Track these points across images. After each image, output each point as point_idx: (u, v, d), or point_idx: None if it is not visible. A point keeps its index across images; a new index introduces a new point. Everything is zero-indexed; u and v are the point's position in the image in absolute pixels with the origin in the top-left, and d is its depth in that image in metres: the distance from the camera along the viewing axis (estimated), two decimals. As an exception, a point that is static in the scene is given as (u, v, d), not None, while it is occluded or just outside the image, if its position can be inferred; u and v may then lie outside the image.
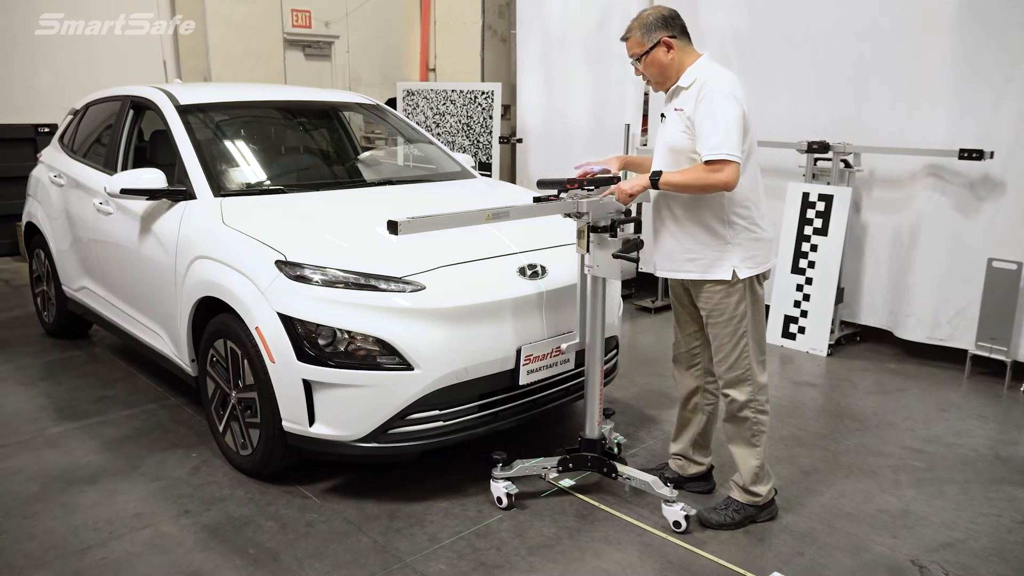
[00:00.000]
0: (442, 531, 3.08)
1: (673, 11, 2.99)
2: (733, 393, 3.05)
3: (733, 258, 2.95)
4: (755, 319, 3.03)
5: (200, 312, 3.57)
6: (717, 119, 2.78)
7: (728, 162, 2.75)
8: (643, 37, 2.95)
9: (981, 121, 4.77)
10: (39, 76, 7.91)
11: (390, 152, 5.98)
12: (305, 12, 9.27)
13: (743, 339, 3.01)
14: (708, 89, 2.82)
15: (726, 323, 3.00)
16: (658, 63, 2.96)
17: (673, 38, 2.93)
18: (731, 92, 2.82)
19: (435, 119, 8.25)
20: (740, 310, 2.99)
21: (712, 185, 2.80)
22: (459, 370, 3.13)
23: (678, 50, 2.94)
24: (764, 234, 3.01)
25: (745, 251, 2.96)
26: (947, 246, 5.00)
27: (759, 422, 3.07)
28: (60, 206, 4.90)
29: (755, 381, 3.04)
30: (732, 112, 2.79)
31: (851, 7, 5.27)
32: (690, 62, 2.94)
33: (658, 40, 2.93)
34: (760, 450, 3.08)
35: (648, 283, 6.80)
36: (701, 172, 2.81)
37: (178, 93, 4.33)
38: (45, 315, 5.45)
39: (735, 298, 2.98)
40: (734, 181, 2.78)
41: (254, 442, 3.36)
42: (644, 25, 2.95)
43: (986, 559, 2.97)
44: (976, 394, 4.66)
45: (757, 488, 3.11)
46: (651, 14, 2.97)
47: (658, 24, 2.93)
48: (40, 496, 3.32)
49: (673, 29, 2.94)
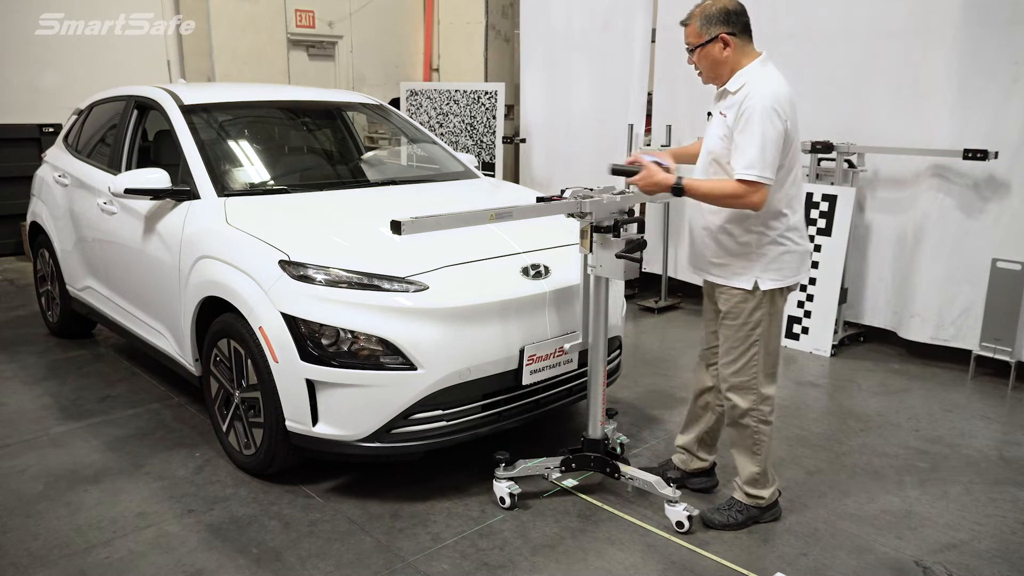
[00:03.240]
0: (445, 531, 3.09)
1: (739, 6, 2.85)
2: (735, 399, 3.03)
3: (757, 268, 2.90)
4: (771, 330, 2.98)
5: (204, 312, 3.58)
6: (755, 136, 2.69)
7: (759, 185, 2.69)
8: (702, 28, 2.84)
9: (986, 121, 4.76)
10: (43, 76, 7.93)
11: (393, 152, 5.99)
12: (309, 12, 9.28)
13: (753, 347, 2.97)
14: (751, 101, 2.72)
15: (739, 328, 2.97)
16: (712, 58, 2.86)
17: (732, 35, 2.81)
18: (773, 107, 2.71)
19: (438, 119, 8.25)
20: (755, 318, 2.94)
21: (737, 205, 2.76)
22: (462, 370, 3.13)
23: (735, 49, 2.82)
24: (796, 247, 2.92)
25: (771, 263, 2.89)
26: (951, 246, 4.99)
27: (760, 431, 3.04)
28: (64, 206, 4.91)
29: (759, 391, 3.01)
30: (771, 131, 2.69)
31: (856, 7, 5.26)
32: (745, 63, 2.83)
33: (716, 35, 2.81)
34: (761, 458, 3.07)
35: (651, 283, 6.80)
36: (728, 189, 2.74)
37: (182, 93, 4.33)
38: (49, 315, 5.47)
39: (751, 304, 2.93)
40: (760, 205, 2.71)
41: (257, 442, 3.37)
42: (705, 15, 2.83)
43: (990, 560, 2.96)
44: (980, 395, 4.65)
45: (758, 492, 3.10)
46: (715, 4, 2.83)
47: (719, 18, 2.81)
48: (44, 495, 3.33)
49: (734, 26, 2.82)
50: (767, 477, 3.11)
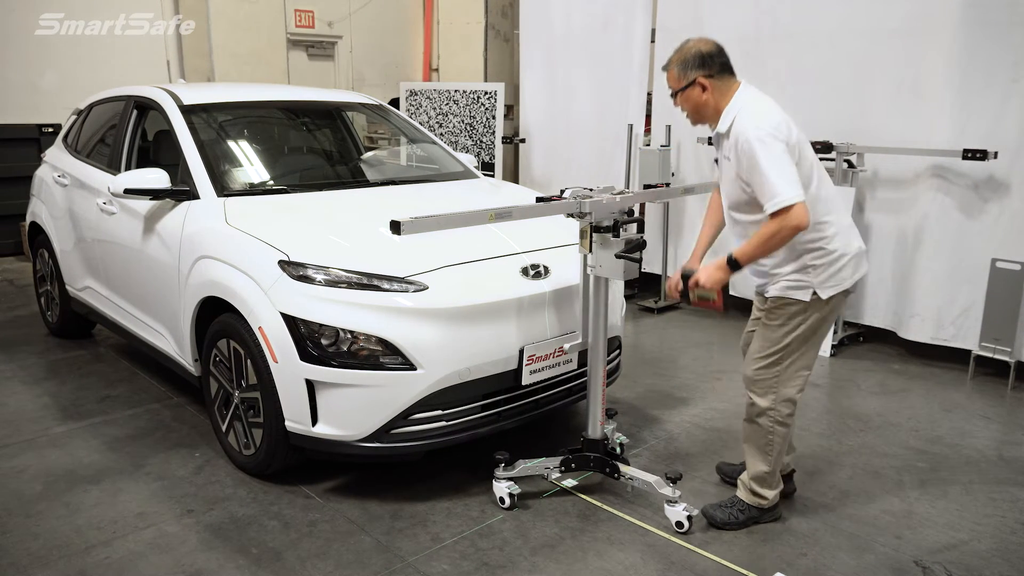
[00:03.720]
0: (445, 531, 3.08)
1: (715, 47, 2.88)
2: (755, 396, 3.02)
3: (815, 281, 2.88)
4: (812, 339, 2.94)
5: (203, 312, 3.58)
6: (762, 170, 2.69)
7: (789, 207, 2.66)
8: (679, 74, 2.89)
9: (985, 121, 4.76)
10: (43, 76, 7.93)
11: (393, 152, 5.98)
12: (308, 12, 9.28)
13: (786, 350, 2.95)
14: (743, 137, 2.73)
15: (779, 329, 2.96)
16: (692, 101, 2.90)
17: (710, 77, 2.84)
18: (766, 132, 2.70)
19: (438, 119, 8.25)
20: (806, 325, 2.92)
21: (787, 236, 2.71)
22: (462, 370, 3.13)
23: (713, 91, 2.85)
24: (849, 249, 2.89)
25: (828, 272, 2.87)
26: (951, 246, 4.99)
27: (775, 432, 3.03)
28: (64, 206, 4.91)
29: (780, 392, 2.99)
30: (772, 155, 2.68)
31: (855, 7, 5.26)
32: (729, 98, 2.85)
33: (693, 79, 2.86)
34: (772, 458, 3.06)
35: (651, 283, 6.80)
36: (769, 231, 2.71)
37: (182, 93, 4.33)
38: (49, 315, 5.46)
39: (807, 313, 2.90)
40: (804, 221, 2.67)
41: (257, 442, 3.37)
42: (682, 61, 2.87)
43: (990, 560, 2.96)
44: (980, 395, 4.65)
45: (763, 491, 3.10)
46: (691, 49, 2.88)
47: (695, 62, 2.85)
48: (44, 495, 3.33)
49: (711, 68, 2.84)
50: (775, 477, 3.10)
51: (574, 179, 6.94)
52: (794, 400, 3.02)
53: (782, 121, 2.78)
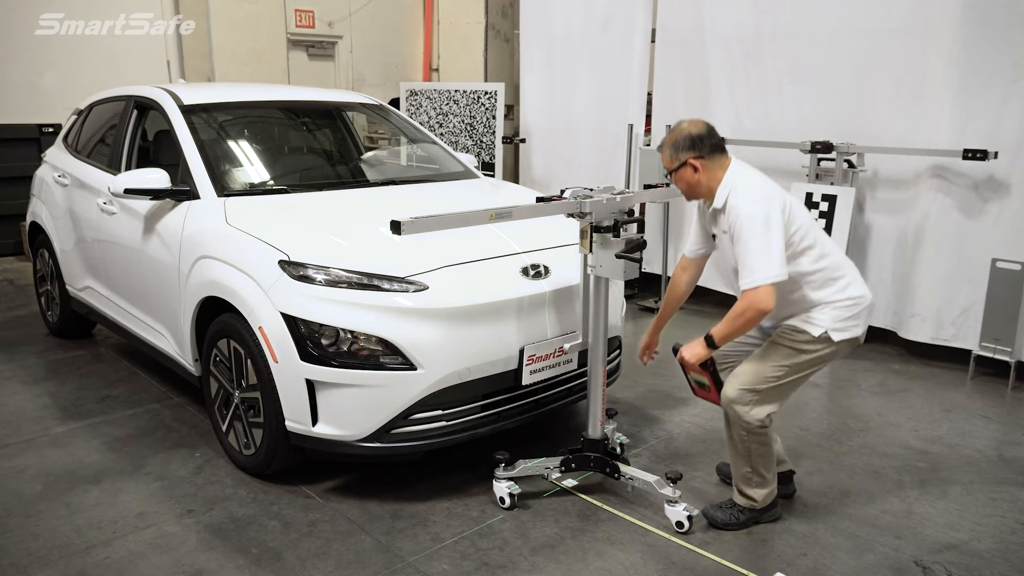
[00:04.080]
0: (445, 531, 3.08)
1: (706, 129, 2.98)
2: (732, 401, 2.98)
3: (827, 321, 2.93)
4: (802, 375, 2.98)
5: (204, 312, 3.58)
6: (746, 246, 2.78)
7: (758, 288, 2.75)
8: (671, 155, 2.99)
9: (986, 121, 4.76)
10: (44, 76, 7.93)
11: (393, 152, 5.98)
12: (308, 12, 9.28)
13: (777, 372, 2.95)
14: (736, 212, 2.83)
15: (776, 352, 2.98)
16: (685, 181, 3.00)
17: (700, 158, 2.94)
18: (757, 211, 2.79)
19: (438, 119, 8.25)
20: (797, 349, 2.95)
21: (752, 318, 2.81)
22: (462, 370, 3.13)
23: (705, 170, 2.94)
24: (856, 297, 2.96)
25: (841, 314, 2.93)
26: (951, 247, 4.99)
27: (746, 440, 3.01)
28: (64, 206, 4.91)
29: (754, 412, 2.95)
30: (760, 233, 2.76)
31: (856, 7, 5.26)
32: (721, 176, 2.93)
33: (685, 161, 2.95)
34: (752, 459, 3.04)
35: (651, 283, 6.80)
36: (739, 308, 2.81)
37: (182, 93, 4.33)
38: (49, 315, 5.46)
39: (812, 346, 2.94)
40: (768, 304, 2.76)
41: (257, 442, 3.37)
42: (674, 143, 2.98)
43: (990, 560, 2.96)
44: (980, 395, 4.65)
45: (749, 491, 3.09)
46: (682, 132, 2.97)
47: (686, 144, 2.95)
48: (44, 495, 3.33)
49: (701, 149, 2.94)
50: (761, 478, 3.09)
51: (574, 179, 6.94)
52: (766, 421, 2.99)
53: (774, 190, 2.88)
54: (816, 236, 2.94)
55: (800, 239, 2.88)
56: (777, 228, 2.78)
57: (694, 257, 3.27)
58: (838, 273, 2.95)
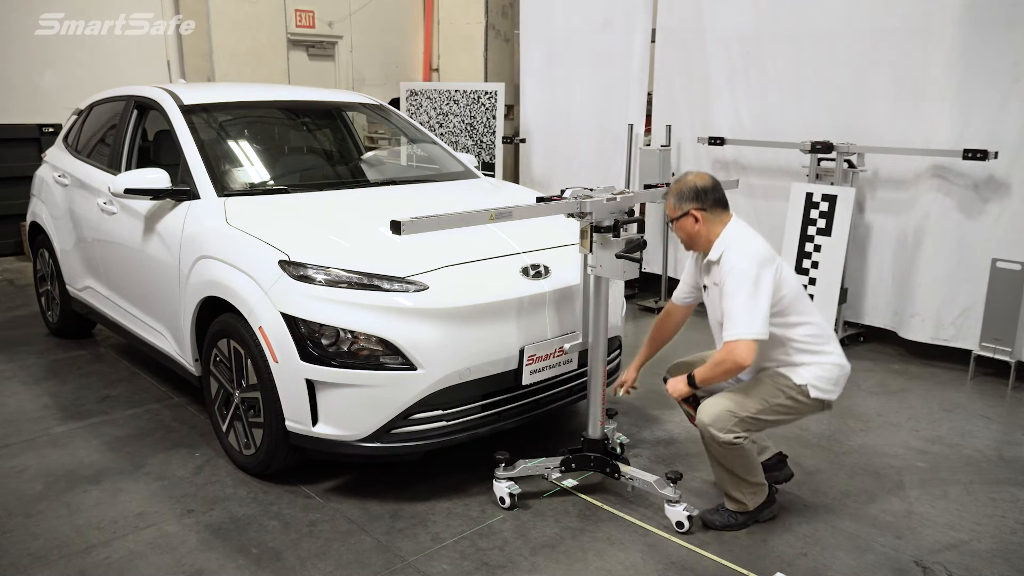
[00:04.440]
0: (445, 531, 3.08)
1: (710, 183, 3.05)
2: (707, 425, 2.97)
3: (809, 376, 3.00)
4: (774, 417, 3.02)
5: (204, 312, 3.58)
6: (734, 300, 2.87)
7: (738, 342, 2.84)
8: (675, 204, 3.07)
9: (986, 121, 4.76)
10: (44, 76, 7.93)
11: (393, 152, 5.98)
12: (308, 12, 9.28)
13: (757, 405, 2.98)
14: (728, 266, 2.92)
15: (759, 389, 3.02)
16: (685, 230, 3.07)
17: (703, 210, 3.01)
18: (750, 269, 2.87)
19: (438, 119, 8.25)
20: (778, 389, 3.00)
21: (730, 369, 2.88)
22: (462, 370, 3.13)
23: (706, 222, 3.02)
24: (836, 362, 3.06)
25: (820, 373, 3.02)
26: (951, 247, 4.99)
27: (725, 456, 3.01)
28: (64, 206, 4.91)
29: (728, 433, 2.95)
30: (749, 291, 2.85)
31: (856, 7, 5.26)
32: (719, 230, 3.01)
33: (687, 211, 3.03)
34: (733, 471, 3.05)
35: (651, 283, 6.80)
36: (720, 356, 2.90)
37: (182, 93, 4.33)
38: (49, 315, 5.46)
39: (793, 393, 3.00)
40: (747, 358, 2.84)
41: (257, 442, 3.37)
42: (679, 193, 3.05)
43: (990, 560, 2.96)
44: (980, 395, 4.65)
45: (739, 496, 3.09)
46: (688, 183, 3.05)
47: (690, 195, 3.02)
48: (44, 495, 3.33)
49: (704, 202, 3.02)
50: (747, 484, 3.08)
51: (574, 179, 6.94)
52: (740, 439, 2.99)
53: (769, 253, 2.96)
54: (804, 304, 3.06)
55: (789, 303, 2.98)
56: (766, 289, 2.87)
57: (681, 304, 3.37)
58: (821, 340, 3.05)
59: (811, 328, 3.04)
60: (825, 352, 3.04)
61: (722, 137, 5.94)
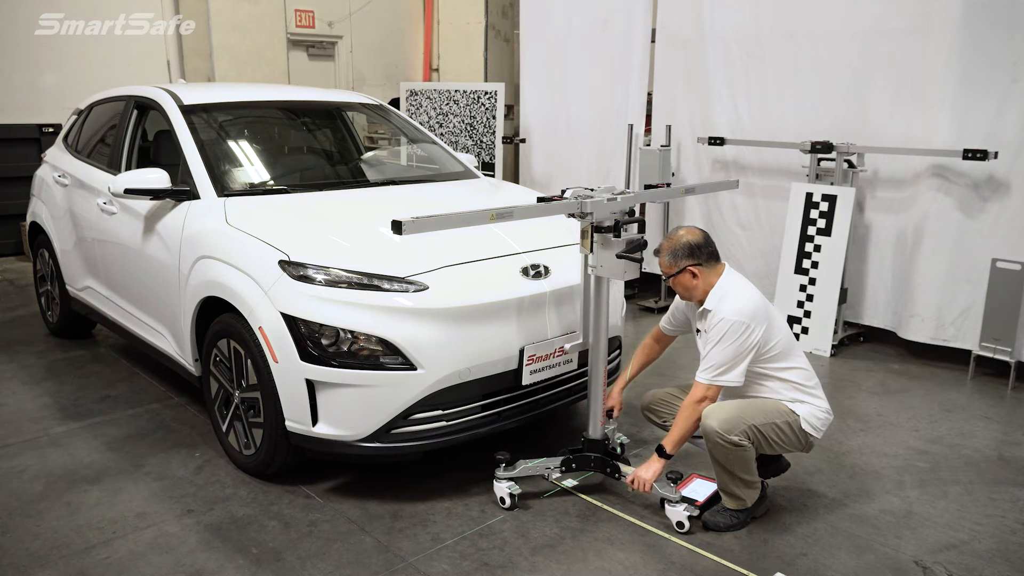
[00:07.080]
0: (445, 531, 3.08)
1: (702, 238, 3.13)
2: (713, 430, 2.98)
3: (802, 410, 3.09)
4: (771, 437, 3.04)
5: (204, 312, 3.58)
6: (717, 348, 2.98)
7: (710, 386, 3.00)
8: (670, 262, 3.14)
9: (985, 121, 4.76)
10: (44, 76, 7.93)
11: (393, 152, 5.98)
12: (308, 12, 9.28)
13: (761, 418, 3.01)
14: (720, 316, 3.00)
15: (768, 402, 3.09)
16: (683, 285, 3.16)
17: (699, 265, 3.09)
18: (737, 323, 2.95)
19: (438, 119, 8.25)
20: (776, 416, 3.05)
21: (694, 413, 3.02)
22: (462, 370, 3.13)
23: (702, 276, 3.10)
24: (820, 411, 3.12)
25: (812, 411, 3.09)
26: (951, 246, 4.99)
27: (728, 455, 3.02)
28: (64, 206, 4.91)
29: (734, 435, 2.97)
30: (733, 345, 2.95)
31: (856, 7, 5.26)
32: (714, 281, 3.10)
33: (683, 267, 3.10)
34: (732, 469, 3.05)
35: (651, 283, 6.80)
36: (686, 411, 3.04)
37: (182, 93, 4.33)
38: (49, 315, 5.46)
39: (789, 420, 3.06)
40: (710, 399, 3.02)
41: (257, 442, 3.37)
42: (673, 250, 3.13)
43: (990, 560, 2.96)
44: (980, 395, 4.65)
45: (738, 492, 3.10)
46: (681, 241, 3.12)
47: (685, 252, 3.10)
48: (44, 495, 3.33)
49: (700, 257, 3.10)
50: (743, 481, 3.08)
51: (574, 179, 6.94)
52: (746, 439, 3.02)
53: (762, 307, 3.04)
54: (795, 350, 3.13)
55: (781, 351, 3.06)
56: (751, 345, 2.97)
57: (666, 334, 3.47)
58: (812, 383, 3.13)
59: (802, 373, 3.13)
60: (815, 396, 3.13)
61: (722, 137, 5.94)
